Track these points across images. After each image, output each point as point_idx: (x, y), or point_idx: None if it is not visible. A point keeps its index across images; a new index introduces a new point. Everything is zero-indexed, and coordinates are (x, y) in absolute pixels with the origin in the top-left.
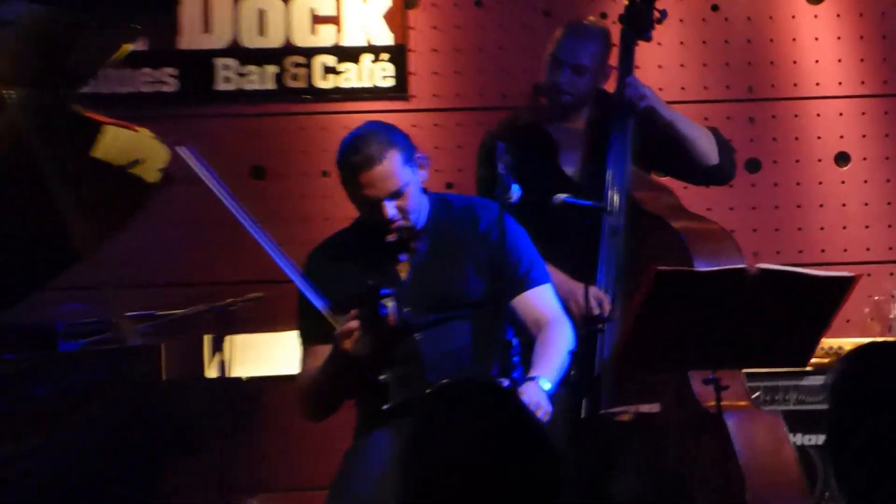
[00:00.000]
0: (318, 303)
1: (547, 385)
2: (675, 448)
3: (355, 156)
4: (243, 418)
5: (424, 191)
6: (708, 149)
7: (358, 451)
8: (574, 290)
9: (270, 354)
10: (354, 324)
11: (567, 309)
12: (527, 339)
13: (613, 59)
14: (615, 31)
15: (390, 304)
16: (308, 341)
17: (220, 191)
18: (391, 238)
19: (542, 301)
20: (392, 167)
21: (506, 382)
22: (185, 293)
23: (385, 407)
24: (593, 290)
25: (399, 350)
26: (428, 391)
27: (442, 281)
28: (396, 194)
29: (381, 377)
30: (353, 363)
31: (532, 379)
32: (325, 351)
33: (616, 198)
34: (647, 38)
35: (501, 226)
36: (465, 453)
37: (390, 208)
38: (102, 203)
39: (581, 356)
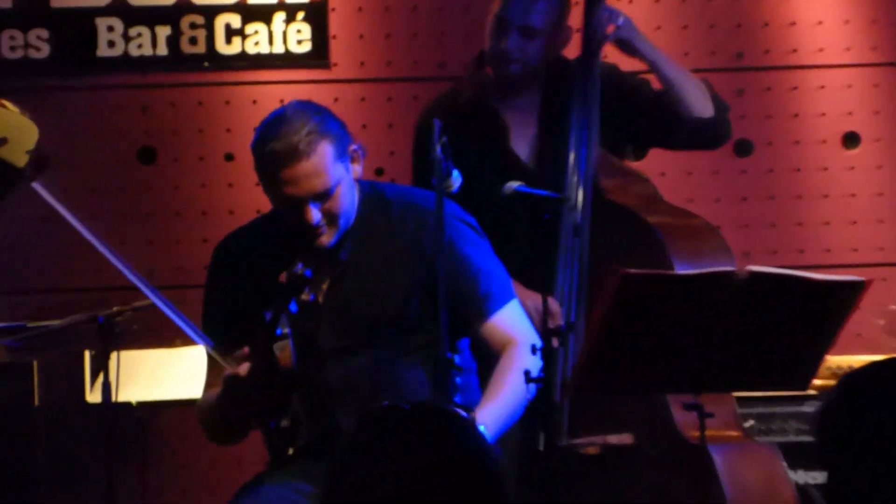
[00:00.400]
0: (201, 341)
1: (485, 432)
2: (650, 487)
3: (277, 143)
4: (134, 451)
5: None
6: (699, 97)
7: (246, 496)
8: (526, 303)
9: (165, 374)
10: (244, 368)
11: None
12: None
13: (574, 19)
14: None
15: (283, 347)
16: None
17: (83, 229)
18: (282, 280)
19: (508, 323)
20: (322, 163)
21: (461, 412)
22: (61, 300)
23: (290, 452)
24: (551, 303)
25: (302, 388)
26: (362, 415)
27: (367, 299)
28: (324, 196)
29: (283, 423)
30: (246, 408)
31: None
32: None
33: (579, 187)
34: None
35: (441, 225)
36: (399, 493)
37: (314, 212)
38: None
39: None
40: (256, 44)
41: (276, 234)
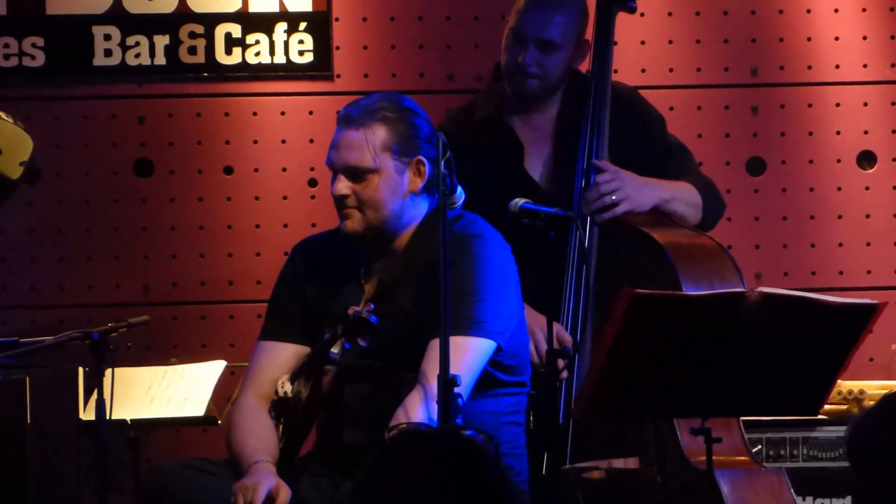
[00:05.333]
0: None
1: None
2: None
3: (352, 108)
4: (127, 470)
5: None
6: (692, 216)
7: None
8: (531, 325)
9: (160, 392)
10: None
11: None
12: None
13: (590, 33)
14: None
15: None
16: (266, 334)
17: None
18: (350, 314)
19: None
20: (367, 142)
21: (478, 436)
22: (54, 316)
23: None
24: (556, 328)
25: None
26: (387, 437)
27: (397, 326)
28: (355, 174)
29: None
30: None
31: None
32: (279, 349)
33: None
34: (631, 9)
35: (444, 240)
36: None
37: (342, 184)
38: None
39: (541, 401)
40: (257, 54)
41: (349, 245)
